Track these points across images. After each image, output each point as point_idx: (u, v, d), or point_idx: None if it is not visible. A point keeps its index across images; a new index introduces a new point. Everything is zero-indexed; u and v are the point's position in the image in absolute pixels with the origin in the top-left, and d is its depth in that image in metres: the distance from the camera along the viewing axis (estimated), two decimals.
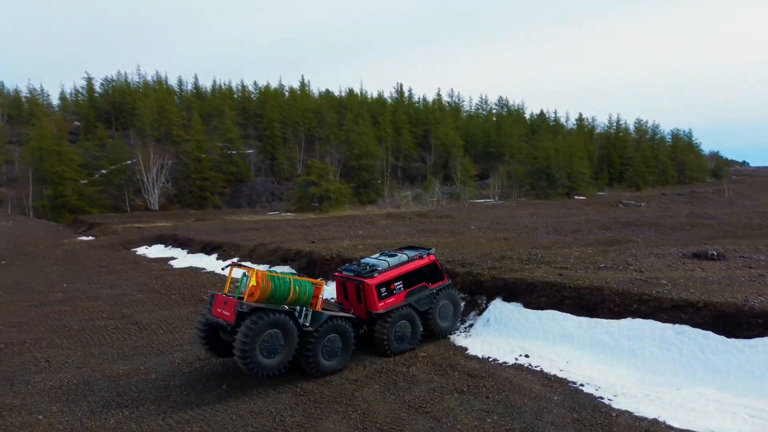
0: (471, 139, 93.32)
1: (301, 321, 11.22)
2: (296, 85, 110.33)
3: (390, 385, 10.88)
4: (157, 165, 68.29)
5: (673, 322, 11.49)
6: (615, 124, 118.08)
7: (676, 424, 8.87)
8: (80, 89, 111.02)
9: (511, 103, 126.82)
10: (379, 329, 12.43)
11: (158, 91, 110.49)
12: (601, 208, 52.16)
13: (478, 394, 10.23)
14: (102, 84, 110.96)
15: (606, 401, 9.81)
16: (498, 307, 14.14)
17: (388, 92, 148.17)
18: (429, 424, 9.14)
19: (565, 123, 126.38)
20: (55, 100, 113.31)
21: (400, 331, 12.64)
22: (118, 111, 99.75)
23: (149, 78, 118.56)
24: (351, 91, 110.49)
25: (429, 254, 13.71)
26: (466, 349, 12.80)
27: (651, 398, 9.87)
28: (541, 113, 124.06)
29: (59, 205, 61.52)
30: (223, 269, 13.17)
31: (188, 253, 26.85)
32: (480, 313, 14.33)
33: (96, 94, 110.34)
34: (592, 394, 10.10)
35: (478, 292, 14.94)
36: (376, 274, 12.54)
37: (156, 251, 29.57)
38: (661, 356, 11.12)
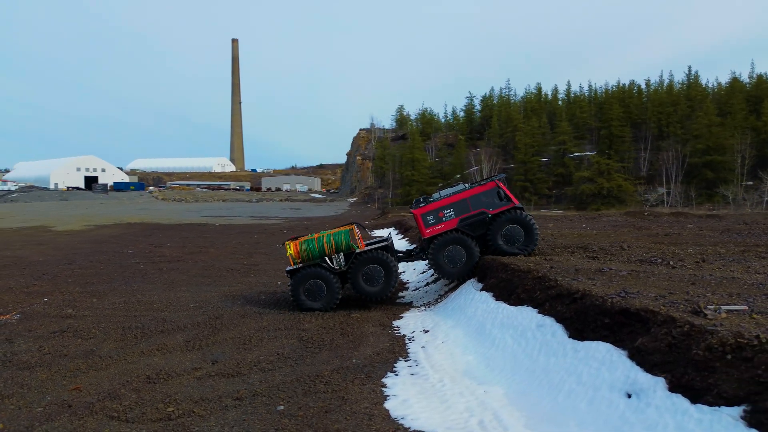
0: None
1: (333, 265, 13.64)
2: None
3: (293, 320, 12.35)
4: (488, 168, 74.60)
5: (547, 314, 8.96)
6: None
7: (395, 413, 7.60)
8: (462, 108, 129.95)
9: None
10: (429, 252, 13.58)
11: (528, 101, 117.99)
12: None
13: (328, 344, 10.76)
14: (480, 101, 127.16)
15: (390, 377, 9.02)
16: (465, 287, 13.01)
17: None
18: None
19: None
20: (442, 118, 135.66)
21: (451, 254, 13.38)
22: (487, 123, 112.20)
23: (515, 91, 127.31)
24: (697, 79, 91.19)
25: (490, 181, 13.80)
26: (394, 322, 12.61)
27: (437, 387, 8.48)
28: None
29: (407, 202, 75.21)
30: (279, 246, 16.73)
31: (396, 233, 30.86)
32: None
33: (475, 110, 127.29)
34: (396, 371, 9.32)
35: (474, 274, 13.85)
36: (422, 205, 13.75)
37: (378, 232, 34.32)
38: (509, 349, 9.02)
